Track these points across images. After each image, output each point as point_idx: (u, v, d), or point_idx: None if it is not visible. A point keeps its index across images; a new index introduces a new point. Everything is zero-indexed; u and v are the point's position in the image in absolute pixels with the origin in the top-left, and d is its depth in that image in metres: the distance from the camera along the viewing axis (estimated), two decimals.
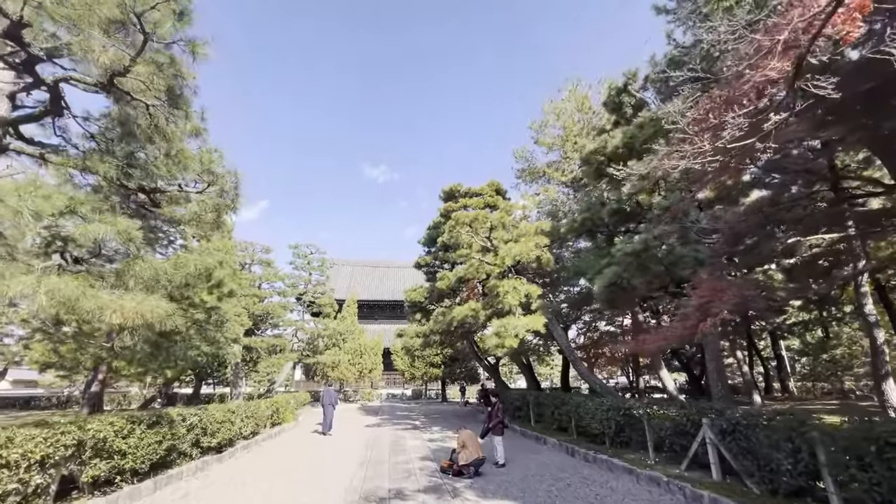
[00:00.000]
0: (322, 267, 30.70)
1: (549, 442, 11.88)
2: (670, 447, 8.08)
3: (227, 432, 10.76)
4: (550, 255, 11.66)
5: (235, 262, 22.37)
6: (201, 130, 7.16)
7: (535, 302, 11.33)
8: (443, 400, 36.13)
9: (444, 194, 21.26)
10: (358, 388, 38.78)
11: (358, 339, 36.27)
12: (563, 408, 12.62)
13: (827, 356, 22.13)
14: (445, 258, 20.11)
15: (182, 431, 8.78)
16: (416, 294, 20.34)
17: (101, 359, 9.88)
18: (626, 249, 7.57)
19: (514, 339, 10.19)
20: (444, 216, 21.04)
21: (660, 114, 9.15)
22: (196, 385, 25.38)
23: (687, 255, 7.41)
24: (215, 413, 10.30)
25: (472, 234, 12.45)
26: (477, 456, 8.13)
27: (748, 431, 6.27)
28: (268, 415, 15.07)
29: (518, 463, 9.55)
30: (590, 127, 17.40)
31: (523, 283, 11.07)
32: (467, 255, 13.08)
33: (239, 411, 12.13)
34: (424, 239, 22.87)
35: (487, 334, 10.68)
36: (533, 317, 10.41)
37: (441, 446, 12.04)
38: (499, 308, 11.62)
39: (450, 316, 16.13)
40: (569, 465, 9.31)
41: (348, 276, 51.78)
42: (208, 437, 9.85)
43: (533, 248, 11.03)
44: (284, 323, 26.16)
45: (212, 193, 8.48)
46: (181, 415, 8.89)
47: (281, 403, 16.79)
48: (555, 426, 13.24)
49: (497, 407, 9.47)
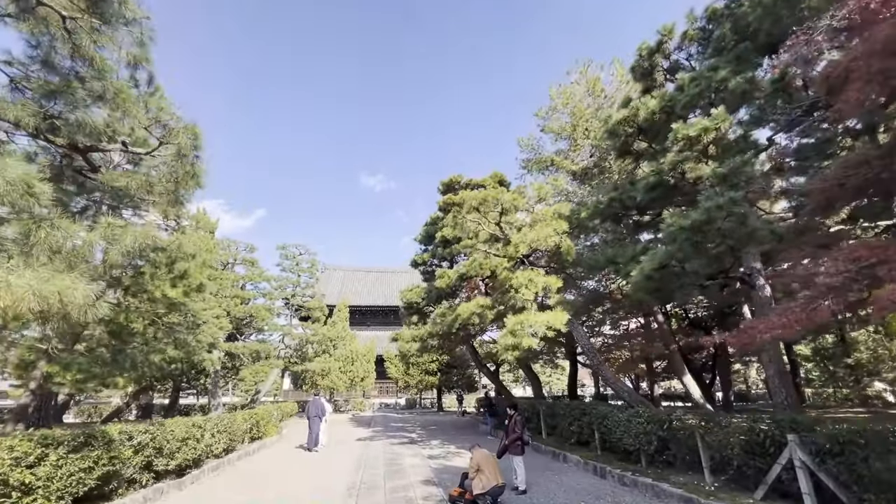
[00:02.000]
0: (311, 269, 28.88)
1: (571, 459, 10.25)
2: (738, 469, 6.49)
3: (191, 451, 8.99)
4: (571, 243, 10.13)
5: (216, 259, 20.58)
6: (142, 59, 5.52)
7: (554, 296, 9.76)
8: (439, 409, 34.27)
9: (443, 186, 19.72)
10: (349, 397, 36.79)
11: (349, 346, 34.40)
12: (584, 419, 11.01)
13: (852, 360, 20.77)
14: (445, 255, 18.50)
15: (127, 454, 7.03)
16: (413, 294, 18.67)
17: (29, 363, 8.11)
18: (682, 223, 6.09)
19: (531, 338, 8.64)
20: (444, 209, 19.49)
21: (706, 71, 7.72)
22: (173, 395, 23.36)
23: (761, 228, 5.94)
24: (174, 429, 8.54)
25: (479, 221, 10.90)
26: (496, 483, 6.48)
27: (867, 452, 4.71)
28: (245, 429, 13.26)
29: (540, 487, 7.90)
30: (602, 113, 16.01)
31: (540, 274, 9.52)
32: (472, 245, 11.50)
33: (207, 426, 10.35)
34: (421, 236, 21.26)
35: (500, 334, 9.08)
36: (553, 313, 8.85)
37: (444, 465, 10.34)
38: (510, 304, 10.08)
39: (452, 316, 14.49)
40: (603, 490, 7.69)
41: (339, 282, 49.95)
42: (164, 459, 8.09)
43: (551, 233, 9.50)
44: (270, 327, 24.24)
45: (166, 158, 6.85)
46: (125, 433, 7.14)
47: (261, 416, 14.98)
48: (572, 440, 11.61)
49: (515, 420, 7.84)
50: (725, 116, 7.09)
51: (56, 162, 6.66)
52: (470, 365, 33.53)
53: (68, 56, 5.07)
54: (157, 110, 5.80)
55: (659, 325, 15.08)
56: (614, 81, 16.57)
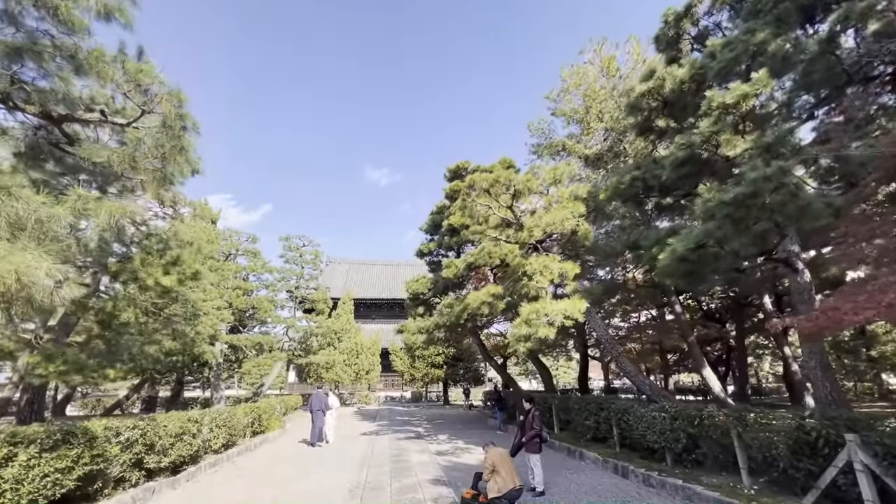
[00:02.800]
0: (315, 261, 28.27)
1: (588, 457, 9.66)
2: (783, 472, 5.86)
3: (187, 448, 8.50)
4: (588, 226, 9.41)
5: (217, 249, 20.10)
6: (114, 9, 4.88)
7: (570, 284, 9.09)
8: (445, 403, 33.84)
9: (449, 173, 19.03)
10: (354, 390, 36.49)
11: (354, 338, 34.02)
12: (601, 414, 10.42)
13: (875, 352, 19.99)
14: (452, 244, 17.85)
15: (113, 451, 6.53)
16: (419, 285, 18.08)
17: (8, 352, 7.60)
18: (722, 198, 5.38)
19: (547, 327, 7.99)
20: (450, 197, 18.84)
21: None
22: (175, 388, 23.02)
23: (814, 202, 5.22)
24: (168, 424, 8.03)
25: (489, 205, 10.24)
26: (513, 485, 5.90)
27: None
28: (246, 423, 12.80)
29: (558, 488, 7.32)
30: (617, 94, 15.21)
31: (556, 260, 8.85)
32: (482, 231, 10.85)
33: (205, 420, 9.87)
34: (427, 225, 20.61)
35: (514, 323, 8.45)
36: (571, 301, 8.19)
37: (453, 462, 9.80)
38: (523, 292, 9.44)
39: (460, 306, 13.89)
40: (627, 491, 7.10)
41: (344, 275, 49.54)
42: (156, 456, 7.59)
43: (568, 216, 8.81)
44: (274, 320, 23.76)
45: (151, 130, 6.25)
46: (111, 428, 6.62)
47: (264, 409, 14.52)
48: (588, 436, 11.02)
49: (533, 415, 7.23)
50: (768, 80, 6.35)
51: (30, 134, 6.08)
52: (476, 358, 33.02)
53: (31, 3, 4.45)
54: (136, 72, 5.18)
55: (676, 316, 14.41)
56: (630, 61, 15.72)
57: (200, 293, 12.17)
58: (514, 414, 16.36)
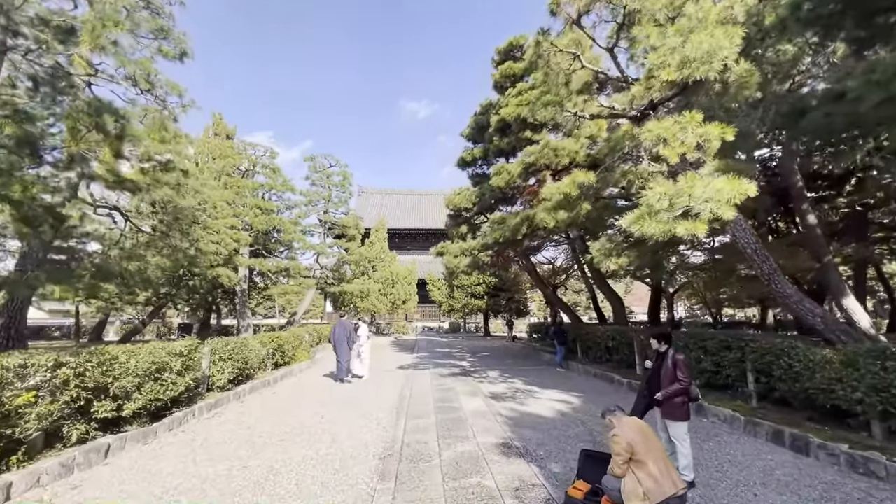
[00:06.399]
0: (344, 183, 25.42)
1: (712, 412, 6.88)
2: None
3: (166, 389, 6.33)
4: (749, 65, 5.67)
5: (231, 164, 17.59)
6: None
7: (711, 162, 5.57)
8: (486, 335, 32.15)
9: (498, 56, 15.03)
10: (391, 320, 35.47)
11: (389, 267, 32.15)
12: (728, 354, 7.49)
13: None
14: (503, 146, 14.33)
15: (16, 402, 4.26)
16: (461, 198, 14.97)
17: None
18: None
19: (693, 221, 4.82)
20: (499, 87, 15.03)
21: None
22: (205, 315, 21.99)
23: None
24: (133, 360, 5.78)
25: (575, 52, 6.56)
26: (673, 491, 3.14)
27: None
28: (265, 354, 10.84)
29: (706, 470, 4.58)
30: None
31: (695, 118, 5.32)
32: (565, 99, 7.19)
33: (200, 353, 7.74)
34: (470, 128, 17.00)
35: (625, 218, 5.27)
36: (731, 180, 4.88)
37: (518, 412, 7.30)
38: (628, 181, 6.21)
39: (516, 220, 10.80)
40: (831, 481, 4.25)
41: (377, 205, 47.13)
42: (111, 402, 5.40)
43: (724, 45, 5.10)
44: (302, 245, 21.68)
45: None
46: (9, 368, 4.30)
47: (286, 339, 12.59)
48: (699, 382, 8.18)
49: (675, 361, 4.30)
50: None
51: None
52: (521, 289, 30.52)
53: None
54: None
55: (809, 230, 10.74)
56: None
57: (190, 198, 9.64)
58: (574, 349, 13.82)
